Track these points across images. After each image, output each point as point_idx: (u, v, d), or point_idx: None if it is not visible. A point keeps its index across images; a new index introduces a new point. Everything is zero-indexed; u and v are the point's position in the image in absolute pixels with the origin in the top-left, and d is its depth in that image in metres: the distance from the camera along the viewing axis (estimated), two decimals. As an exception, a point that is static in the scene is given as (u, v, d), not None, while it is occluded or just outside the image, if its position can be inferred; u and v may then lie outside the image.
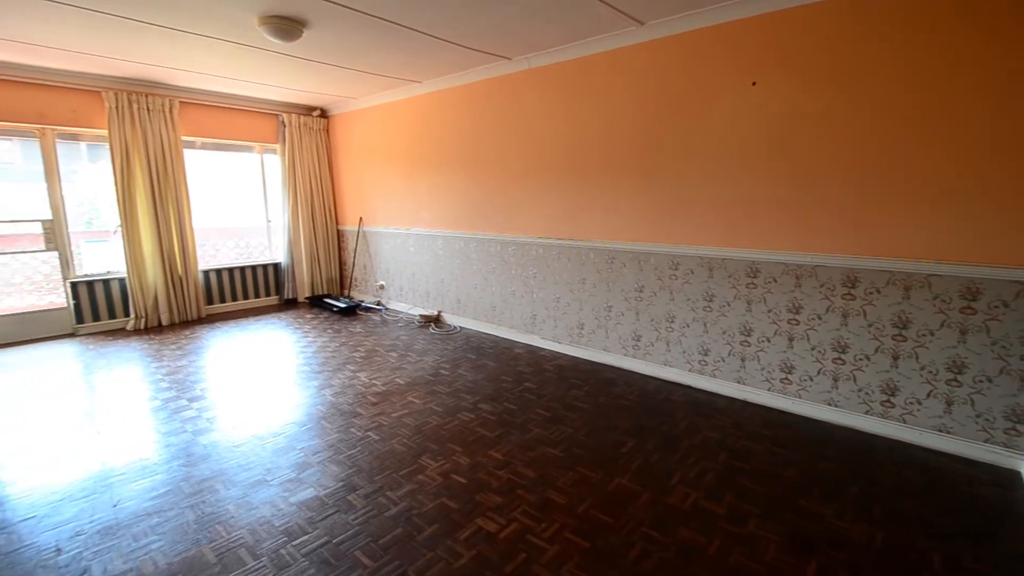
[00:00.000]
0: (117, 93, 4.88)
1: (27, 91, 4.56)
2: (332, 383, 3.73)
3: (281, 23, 3.30)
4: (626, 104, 3.69)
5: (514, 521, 2.13)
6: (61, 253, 4.94)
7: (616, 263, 3.92)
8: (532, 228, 4.50)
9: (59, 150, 4.85)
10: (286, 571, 1.85)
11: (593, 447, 2.76)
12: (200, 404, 3.35)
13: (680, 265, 3.56)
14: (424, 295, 5.77)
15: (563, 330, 4.40)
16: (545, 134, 4.24)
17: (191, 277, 5.59)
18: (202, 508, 2.23)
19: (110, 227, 5.31)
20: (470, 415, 3.17)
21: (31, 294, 5.35)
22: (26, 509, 2.23)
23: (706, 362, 3.52)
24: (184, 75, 4.82)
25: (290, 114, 6.25)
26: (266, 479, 2.46)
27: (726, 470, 2.52)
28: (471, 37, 3.68)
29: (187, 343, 4.76)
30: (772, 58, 2.98)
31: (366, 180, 6.31)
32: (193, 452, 2.73)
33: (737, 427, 2.98)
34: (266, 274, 6.52)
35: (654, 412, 3.19)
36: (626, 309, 3.91)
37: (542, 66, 4.15)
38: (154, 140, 5.16)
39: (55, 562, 1.91)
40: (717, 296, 3.40)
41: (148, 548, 1.98)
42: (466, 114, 4.87)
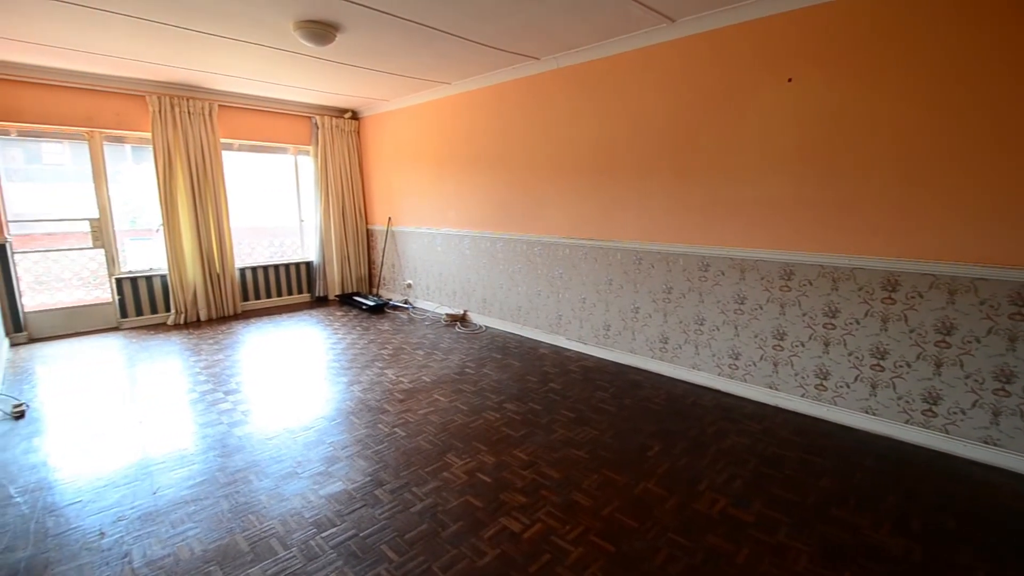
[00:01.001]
0: (160, 97, 5.10)
1: (76, 96, 4.81)
2: (360, 379, 3.80)
3: (315, 27, 3.38)
4: (656, 103, 3.64)
5: (538, 522, 2.13)
6: (107, 250, 5.18)
7: (644, 264, 3.87)
8: (559, 228, 4.49)
9: (106, 152, 5.09)
10: (315, 562, 1.90)
11: (619, 450, 2.73)
12: (235, 397, 3.47)
13: (710, 266, 3.49)
14: (450, 294, 5.82)
15: (589, 331, 4.37)
16: (573, 134, 4.22)
17: (228, 274, 5.79)
18: (236, 498, 2.31)
19: (153, 226, 5.54)
20: (495, 414, 3.18)
21: (79, 289, 5.63)
22: (73, 494, 2.35)
23: (736, 366, 3.44)
24: (223, 79, 5.00)
25: (323, 116, 6.40)
26: (297, 472, 2.53)
27: (756, 477, 2.46)
28: (500, 38, 3.70)
29: (224, 338, 4.93)
30: (809, 54, 2.90)
31: (395, 181, 6.41)
32: (228, 443, 2.82)
33: (768, 433, 2.90)
34: (299, 272, 6.69)
35: (681, 416, 3.14)
36: (653, 311, 3.86)
37: (570, 65, 4.13)
38: (194, 142, 5.36)
39: (99, 545, 2.00)
40: (749, 298, 3.32)
41: (185, 535, 2.06)
42: (494, 115, 4.89)
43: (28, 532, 2.08)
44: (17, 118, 4.55)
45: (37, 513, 2.20)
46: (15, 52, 4.04)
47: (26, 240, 5.09)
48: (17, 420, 3.12)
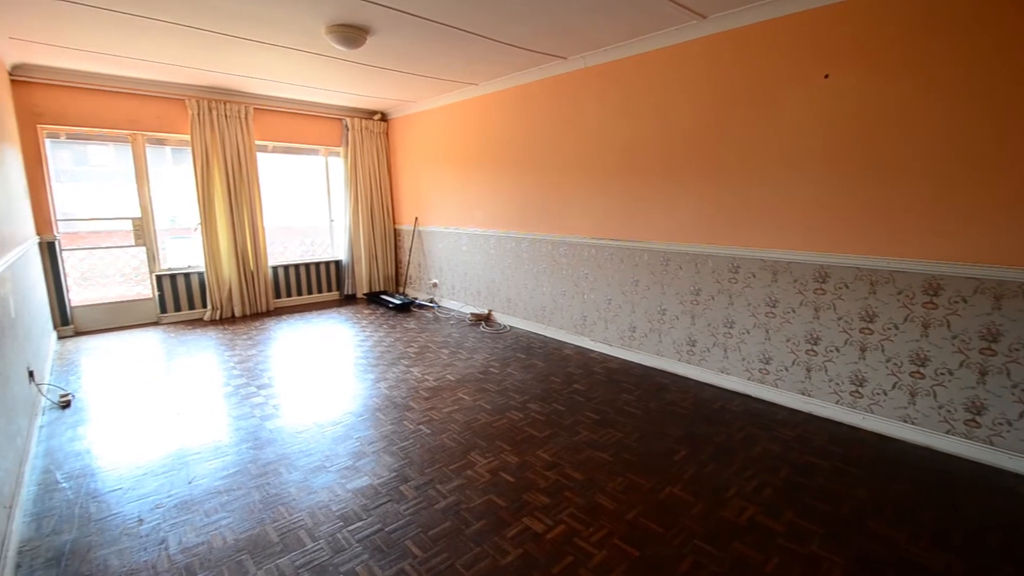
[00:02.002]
0: (199, 101, 5.28)
1: (121, 100, 5.02)
2: (387, 376, 3.85)
3: (346, 31, 3.45)
4: (686, 101, 3.58)
5: (561, 523, 2.12)
6: (148, 248, 5.40)
7: (671, 265, 3.81)
8: (584, 228, 4.46)
9: (147, 153, 5.31)
10: (341, 555, 1.94)
11: (644, 453, 2.70)
12: (267, 391, 3.56)
13: (741, 268, 3.41)
14: (475, 294, 5.85)
15: (614, 332, 4.33)
16: (600, 134, 4.19)
17: (261, 272, 5.97)
18: (267, 489, 2.38)
19: (191, 225, 5.75)
20: (519, 414, 3.18)
21: (121, 285, 5.88)
22: (114, 481, 2.46)
23: (767, 371, 3.36)
24: (258, 83, 5.15)
25: (353, 118, 6.52)
26: (325, 465, 2.59)
27: (787, 486, 2.39)
28: (528, 38, 3.70)
29: (257, 334, 5.08)
30: (847, 49, 2.80)
31: (422, 181, 6.48)
32: (260, 436, 2.90)
33: (800, 441, 2.82)
34: (328, 271, 6.84)
35: (709, 421, 3.08)
36: (681, 313, 3.80)
37: (598, 64, 4.10)
38: (231, 144, 5.54)
39: (137, 531, 2.09)
40: (781, 301, 3.24)
41: (218, 524, 2.13)
42: (520, 115, 4.89)
43: (73, 516, 2.18)
44: (66, 121, 4.79)
45: (81, 498, 2.31)
46: (66, 59, 4.25)
47: (73, 238, 5.34)
48: (63, 409, 3.28)
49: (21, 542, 2.01)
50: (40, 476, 2.49)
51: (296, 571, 1.85)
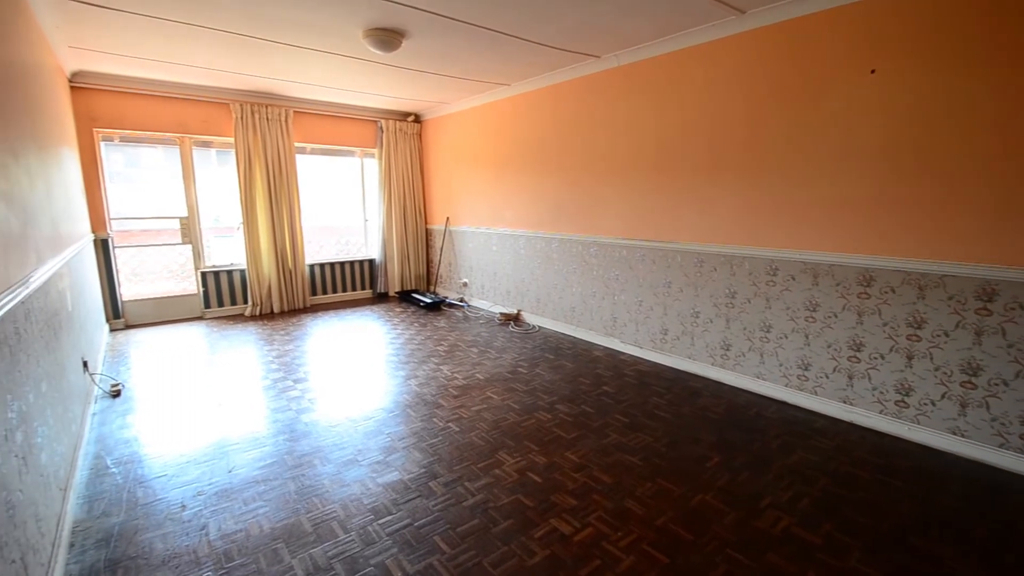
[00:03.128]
0: (242, 105, 5.49)
1: (170, 104, 5.27)
2: (417, 374, 3.91)
3: (383, 34, 3.52)
4: (722, 98, 3.49)
5: (589, 526, 2.11)
6: (194, 246, 5.64)
7: (706, 267, 3.73)
8: (615, 229, 4.41)
9: (194, 155, 5.54)
10: (372, 547, 1.98)
11: (674, 459, 2.65)
12: (303, 385, 3.67)
13: (779, 270, 3.31)
14: (504, 293, 5.87)
15: (645, 335, 4.27)
16: (632, 132, 4.14)
17: (299, 270, 6.15)
18: (302, 480, 2.45)
19: (233, 224, 5.98)
20: (547, 415, 3.17)
21: (168, 281, 6.17)
22: (159, 468, 2.58)
23: (806, 377, 3.25)
24: (298, 87, 5.31)
25: (387, 120, 6.64)
26: (357, 459, 2.64)
27: (825, 497, 2.30)
28: (561, 37, 3.69)
29: (294, 329, 5.24)
30: (895, 42, 2.68)
31: (454, 181, 6.55)
32: (296, 429, 2.99)
33: (841, 451, 2.71)
34: (362, 269, 6.99)
35: (743, 427, 3.00)
36: (715, 316, 3.71)
37: (631, 63, 4.05)
38: (272, 146, 5.73)
39: (180, 516, 2.18)
40: (822, 306, 3.12)
41: (255, 512, 2.21)
42: (552, 114, 4.88)
43: (122, 500, 2.30)
44: (120, 125, 5.05)
45: (129, 483, 2.44)
46: (121, 66, 4.49)
47: (125, 235, 5.63)
48: (114, 398, 3.46)
49: (74, 523, 2.14)
50: (92, 461, 2.64)
51: (328, 561, 1.90)
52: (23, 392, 1.75)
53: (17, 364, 1.72)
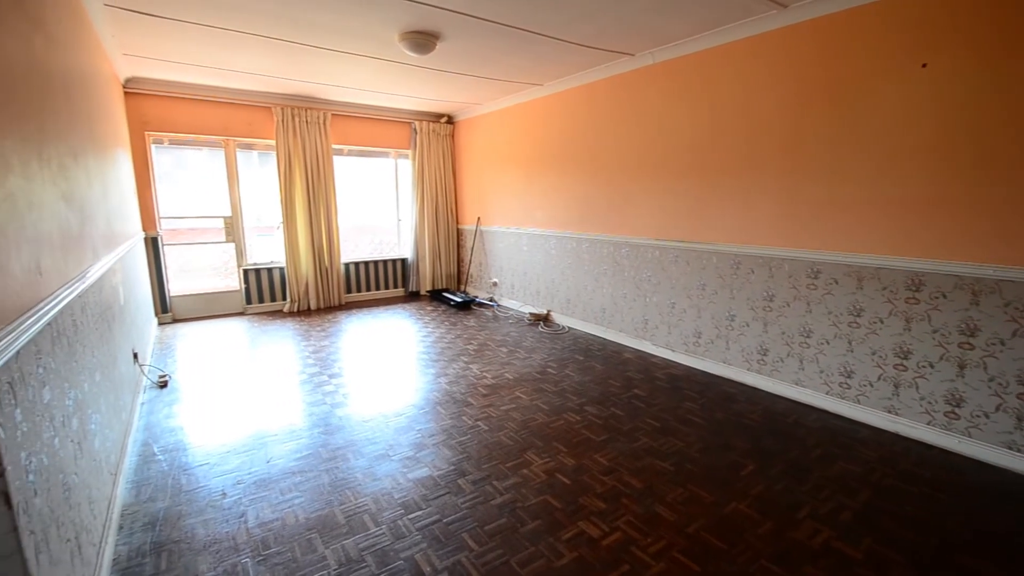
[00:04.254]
0: (283, 108, 5.67)
1: (216, 108, 5.49)
2: (447, 372, 3.95)
3: (418, 37, 3.57)
4: (761, 95, 3.39)
5: (618, 530, 2.08)
6: (237, 244, 5.87)
7: (742, 269, 3.63)
8: (648, 229, 4.35)
9: (238, 157, 5.76)
10: (401, 541, 2.01)
11: (707, 465, 2.59)
12: (337, 381, 3.76)
13: (821, 273, 3.19)
14: (534, 293, 5.87)
15: (677, 338, 4.18)
16: (666, 131, 4.07)
17: (335, 269, 6.31)
18: (335, 473, 2.51)
19: (273, 223, 6.19)
20: (576, 416, 3.15)
21: (212, 278, 6.41)
22: (202, 456, 2.69)
23: (848, 385, 3.12)
24: (336, 90, 5.45)
25: (421, 121, 6.74)
26: (388, 454, 2.69)
27: (867, 510, 2.21)
28: (596, 36, 3.66)
29: (330, 326, 5.38)
30: (947, 34, 2.54)
31: (485, 182, 6.58)
32: (330, 423, 3.07)
33: (885, 463, 2.59)
34: (395, 268, 7.12)
35: (781, 435, 2.90)
36: (752, 319, 3.61)
37: (667, 60, 3.98)
38: (311, 148, 5.91)
39: (221, 504, 2.27)
40: (867, 311, 2.99)
41: (291, 503, 2.28)
42: (584, 114, 4.84)
43: (167, 486, 2.41)
44: (170, 128, 5.30)
45: (174, 471, 2.55)
46: (171, 72, 4.71)
47: (173, 234, 5.90)
48: (161, 389, 3.63)
49: (123, 506, 2.25)
50: (140, 448, 2.78)
51: (360, 553, 1.94)
52: (79, 381, 1.86)
53: (74, 355, 1.83)
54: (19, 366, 1.27)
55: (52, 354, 1.56)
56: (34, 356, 1.39)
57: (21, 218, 1.43)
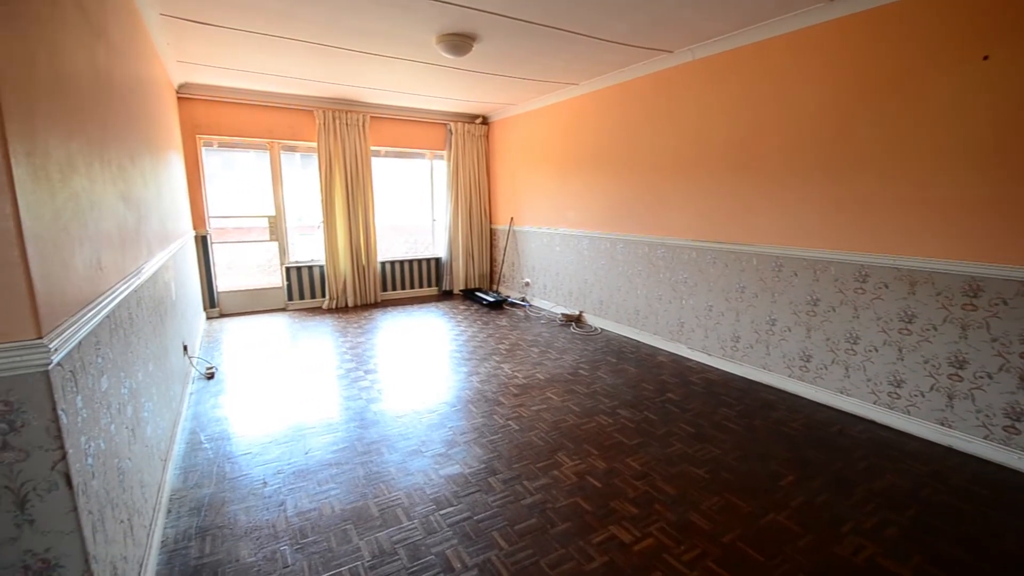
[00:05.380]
0: (325, 111, 5.84)
1: (261, 112, 5.71)
2: (479, 371, 3.98)
3: (455, 39, 3.61)
4: (806, 92, 3.27)
5: (650, 536, 2.05)
6: (280, 243, 6.08)
7: (785, 271, 3.51)
8: (685, 230, 4.25)
9: (282, 159, 5.97)
10: (433, 536, 2.04)
11: (744, 474, 2.51)
12: (373, 376, 3.85)
13: (870, 277, 3.04)
14: (567, 294, 5.83)
15: (714, 341, 4.08)
16: (704, 130, 3.97)
17: (372, 267, 6.46)
18: (370, 467, 2.57)
19: (314, 223, 6.38)
20: (607, 419, 3.12)
21: (256, 275, 6.67)
22: (245, 446, 2.80)
23: (898, 395, 2.97)
24: (375, 93, 5.58)
25: (456, 122, 6.82)
26: (421, 450, 2.74)
27: (916, 527, 2.09)
28: (633, 34, 3.61)
29: (366, 323, 5.50)
30: (1010, 25, 2.38)
31: (519, 182, 6.59)
32: (366, 417, 3.15)
33: (936, 478, 2.45)
34: (429, 267, 7.22)
35: (824, 446, 2.79)
36: (794, 324, 3.48)
37: (706, 56, 3.89)
38: (350, 150, 6.06)
39: (262, 492, 2.36)
40: (919, 317, 2.84)
41: (328, 494, 2.34)
42: (619, 113, 4.78)
43: (212, 473, 2.52)
44: (219, 131, 5.54)
45: (219, 459, 2.67)
46: (221, 77, 4.92)
47: (220, 233, 6.16)
48: (208, 380, 3.80)
49: (172, 491, 2.37)
50: (188, 436, 2.92)
51: (393, 546, 1.98)
52: (134, 371, 1.97)
53: (130, 346, 1.93)
54: (80, 355, 1.36)
55: (110, 345, 1.65)
56: (94, 346, 1.48)
57: (84, 216, 1.53)
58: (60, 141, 1.38)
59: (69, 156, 1.44)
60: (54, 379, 1.14)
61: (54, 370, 1.15)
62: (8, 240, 1.06)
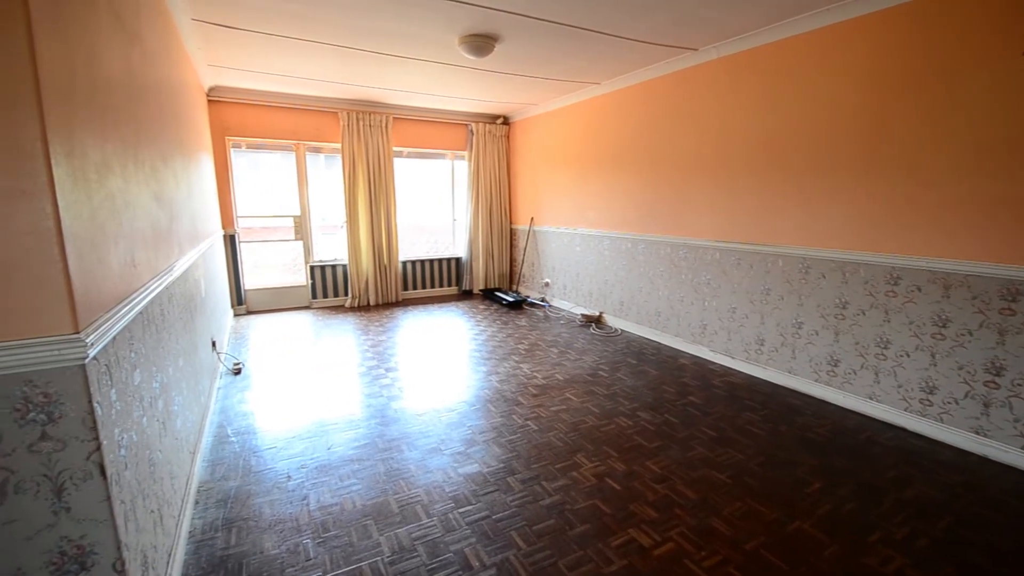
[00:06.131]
0: (349, 113, 5.93)
1: (288, 114, 5.83)
2: (498, 371, 3.99)
3: (477, 40, 3.62)
4: (835, 89, 3.18)
5: (670, 541, 2.02)
6: (304, 242, 6.20)
7: (812, 273, 3.42)
8: (708, 230, 4.18)
9: (307, 160, 6.09)
10: (452, 534, 2.05)
11: (768, 480, 2.46)
12: (394, 374, 3.89)
13: (902, 279, 2.95)
14: (587, 295, 5.80)
15: (738, 344, 4.00)
16: (729, 129, 3.90)
17: (393, 266, 6.54)
18: (390, 463, 2.60)
19: (337, 222, 6.48)
20: (627, 421, 3.09)
21: (282, 274, 6.81)
22: (270, 440, 2.87)
23: (930, 402, 2.87)
24: (397, 95, 5.64)
25: (477, 123, 6.84)
26: (440, 448, 2.76)
27: (949, 539, 2.02)
28: (657, 32, 3.57)
29: (387, 321, 5.57)
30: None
31: (539, 182, 6.58)
32: (386, 414, 3.18)
33: (970, 488, 2.36)
34: (449, 267, 7.27)
35: (852, 453, 2.71)
36: (822, 328, 3.39)
37: (731, 54, 3.82)
38: (373, 151, 6.14)
39: (286, 486, 2.41)
40: (953, 321, 2.74)
41: (349, 489, 2.38)
42: (641, 112, 4.74)
43: (238, 467, 2.58)
44: (247, 133, 5.67)
45: (245, 452, 2.73)
46: (249, 80, 5.04)
47: (248, 232, 6.31)
48: (235, 375, 3.89)
49: (200, 483, 2.44)
50: (216, 430, 2.99)
51: (412, 543, 2.00)
52: (165, 365, 2.03)
53: (161, 341, 2.00)
54: (115, 350, 1.40)
55: (143, 340, 1.71)
56: (127, 341, 1.53)
57: (119, 216, 1.58)
58: (97, 143, 1.43)
59: (105, 157, 1.49)
60: (90, 373, 1.19)
61: (90, 364, 1.19)
62: (48, 238, 1.11)
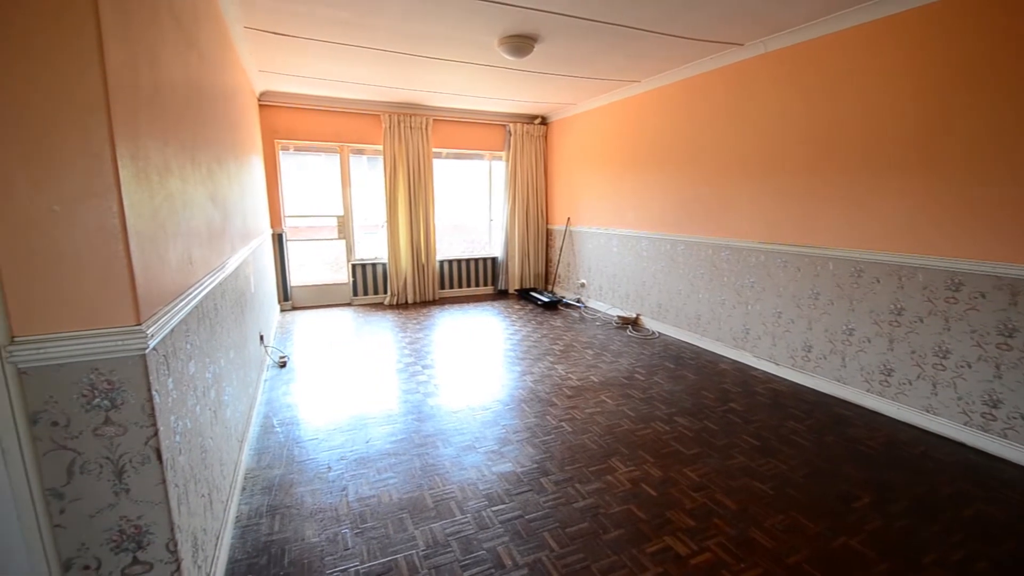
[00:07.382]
0: (390, 115, 6.07)
1: (332, 117, 6.02)
2: (532, 371, 3.99)
3: (516, 41, 3.64)
4: (891, 86, 3.01)
5: (707, 551, 1.97)
6: (347, 241, 6.39)
7: (865, 277, 3.26)
8: (751, 231, 4.05)
9: (350, 161, 6.27)
10: (485, 532, 2.07)
11: (813, 492, 2.36)
12: (430, 371, 3.96)
13: (964, 285, 2.77)
14: (623, 296, 5.72)
15: (783, 350, 3.85)
16: (777, 126, 3.76)
17: (431, 265, 6.65)
18: (426, 459, 2.64)
19: (378, 222, 6.65)
20: (664, 426, 3.03)
21: (325, 272, 7.03)
22: (312, 432, 2.97)
23: (993, 416, 2.68)
24: (437, 96, 5.73)
25: (515, 123, 6.86)
26: (474, 446, 2.78)
27: (1013, 562, 1.88)
28: (701, 27, 3.48)
29: (425, 319, 5.67)
30: None
31: (576, 182, 6.54)
32: (423, 411, 3.24)
33: (1042, 511, 2.19)
34: (485, 266, 7.33)
35: (905, 467, 2.57)
36: (875, 335, 3.22)
37: (780, 49, 3.68)
38: (413, 152, 6.27)
39: (326, 476, 2.49)
40: (1021, 330, 2.55)
41: (386, 482, 2.43)
42: (682, 110, 4.63)
43: (282, 456, 2.69)
44: (295, 136, 5.90)
45: (288, 442, 2.84)
46: (297, 85, 5.23)
47: (294, 231, 6.55)
48: (281, 368, 4.05)
49: (247, 470, 2.55)
50: (262, 420, 3.13)
51: (446, 538, 2.03)
52: (217, 357, 2.13)
53: (214, 334, 2.10)
54: (172, 341, 1.49)
55: (197, 332, 1.80)
56: (184, 334, 1.62)
57: (177, 215, 1.68)
58: (158, 145, 1.52)
59: (165, 159, 1.59)
60: (150, 362, 1.26)
61: (150, 354, 1.27)
62: (114, 235, 1.19)
